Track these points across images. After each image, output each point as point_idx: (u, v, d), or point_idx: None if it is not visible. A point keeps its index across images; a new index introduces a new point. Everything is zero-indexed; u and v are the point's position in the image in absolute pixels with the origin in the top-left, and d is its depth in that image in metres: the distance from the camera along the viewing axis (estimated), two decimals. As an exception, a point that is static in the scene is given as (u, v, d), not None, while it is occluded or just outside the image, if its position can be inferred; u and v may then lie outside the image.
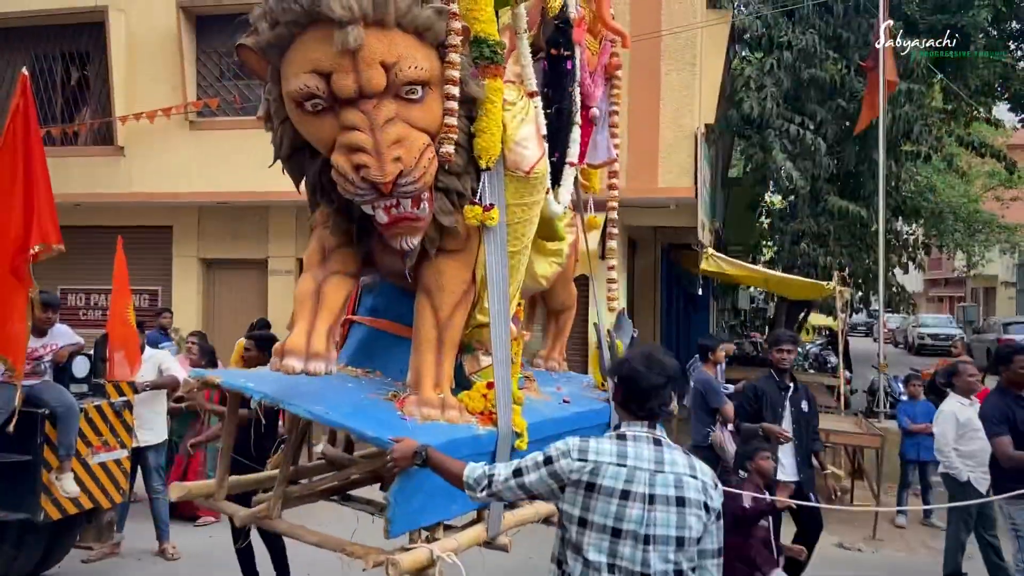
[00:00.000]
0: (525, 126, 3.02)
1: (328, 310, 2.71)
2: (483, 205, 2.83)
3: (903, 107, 11.22)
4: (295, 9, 2.44)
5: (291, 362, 2.55)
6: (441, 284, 2.90)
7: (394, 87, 2.53)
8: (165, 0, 10.59)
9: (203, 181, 10.57)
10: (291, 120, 2.68)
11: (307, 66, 2.47)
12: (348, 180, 2.52)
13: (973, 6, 11.99)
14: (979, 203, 21.50)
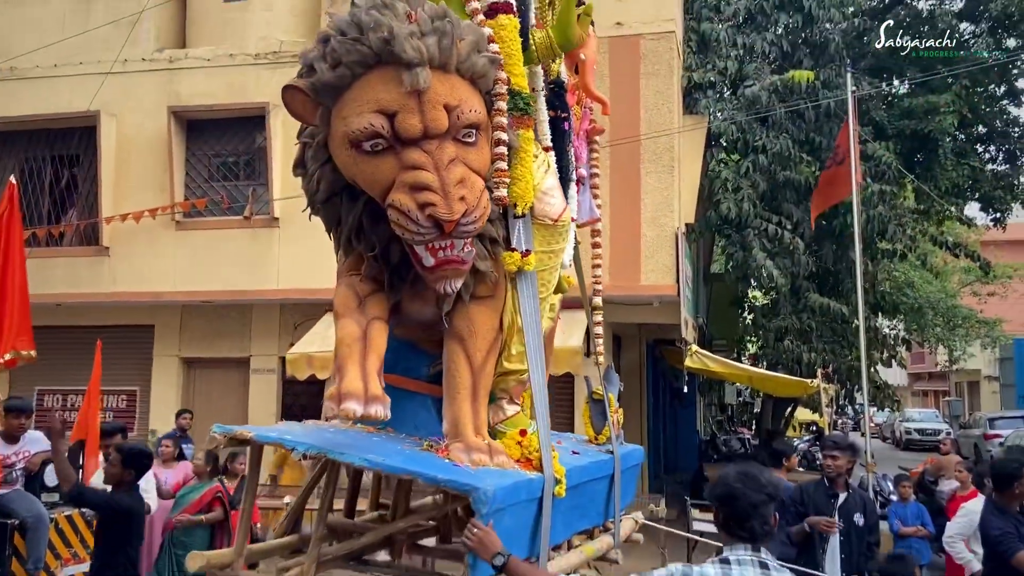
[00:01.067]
0: (549, 177, 3.15)
1: (376, 354, 2.64)
2: (521, 251, 2.88)
3: (876, 208, 11.52)
4: (363, 50, 2.49)
5: (351, 405, 2.43)
6: (473, 330, 2.87)
7: (454, 129, 2.57)
8: (156, 104, 10.86)
9: (187, 280, 10.59)
10: (339, 162, 2.65)
11: (372, 105, 2.50)
12: (412, 219, 2.49)
13: (939, 112, 12.49)
14: (957, 298, 21.82)
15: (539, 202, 3.02)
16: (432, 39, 2.52)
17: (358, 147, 2.54)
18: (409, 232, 2.52)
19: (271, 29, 10.93)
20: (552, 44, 3.18)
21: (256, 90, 10.70)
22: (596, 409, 3.67)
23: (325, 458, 2.71)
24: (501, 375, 3.13)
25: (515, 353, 3.07)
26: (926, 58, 14.44)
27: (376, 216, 2.68)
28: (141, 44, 11.01)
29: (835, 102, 11.49)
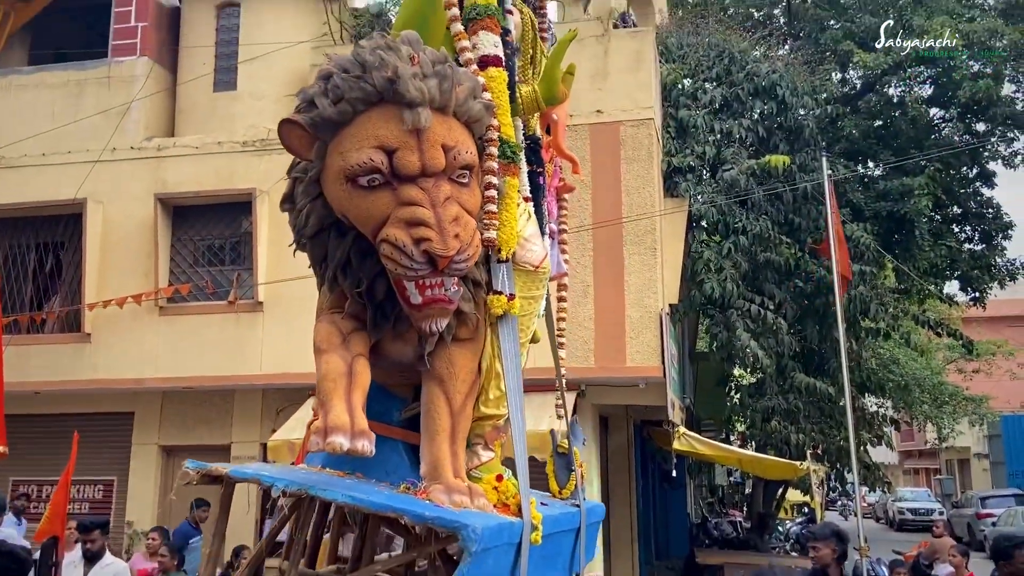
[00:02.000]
0: (530, 225, 3.23)
1: (361, 390, 2.64)
2: (506, 295, 2.92)
3: (857, 288, 11.65)
4: (366, 88, 2.55)
5: (338, 439, 2.41)
6: (453, 372, 2.87)
7: (450, 169, 2.62)
8: (143, 191, 10.95)
9: (169, 366, 10.48)
10: (331, 197, 2.66)
11: (372, 141, 2.55)
12: (406, 253, 2.51)
13: (914, 195, 12.78)
14: (943, 375, 21.89)
15: (521, 248, 3.10)
16: (434, 81, 2.60)
17: (354, 182, 2.57)
18: (402, 267, 2.54)
19: (259, 118, 11.14)
20: (537, 98, 3.32)
21: (243, 176, 10.83)
22: (560, 463, 3.65)
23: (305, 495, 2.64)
24: (477, 420, 3.13)
25: (492, 398, 3.11)
26: (897, 142, 14.92)
27: (363, 252, 2.70)
28: (130, 133, 11.18)
29: (812, 185, 11.76)
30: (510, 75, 3.21)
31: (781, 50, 14.21)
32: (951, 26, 13.27)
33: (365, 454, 2.47)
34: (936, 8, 14.43)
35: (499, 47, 3.16)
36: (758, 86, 12.18)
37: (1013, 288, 17.12)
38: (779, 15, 16.55)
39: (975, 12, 14.67)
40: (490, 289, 2.95)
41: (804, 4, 16.00)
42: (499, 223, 2.93)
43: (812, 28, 15.66)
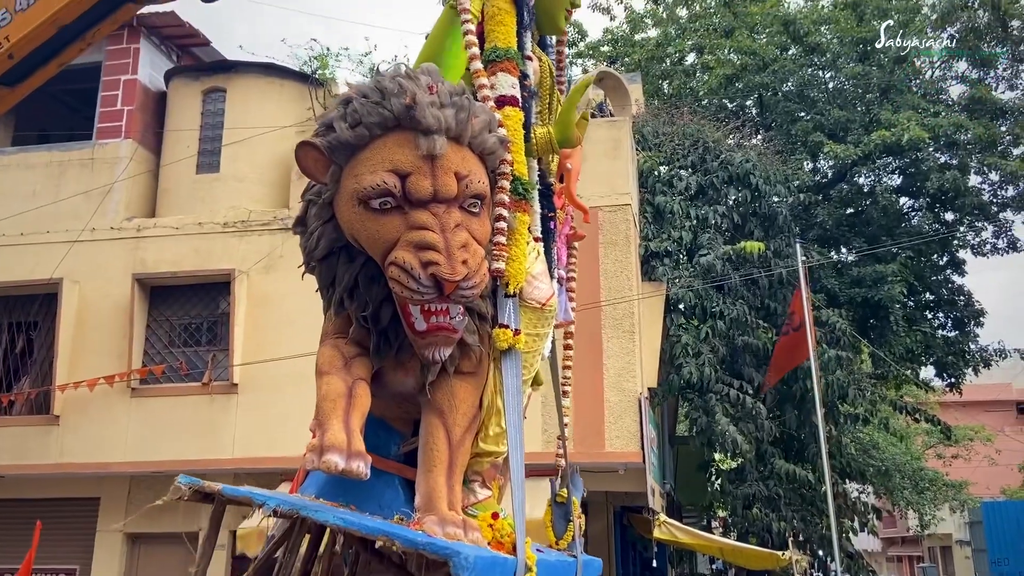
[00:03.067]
0: (539, 263, 3.23)
1: (360, 412, 2.62)
2: (512, 329, 2.89)
3: (834, 373, 11.71)
4: (384, 113, 2.60)
5: (333, 457, 2.38)
6: (454, 405, 2.84)
7: (462, 197, 2.64)
8: (121, 271, 10.90)
9: (138, 450, 10.23)
10: (343, 219, 2.68)
11: (387, 165, 2.58)
12: (413, 276, 2.50)
13: (887, 281, 13.01)
14: (922, 460, 21.84)
15: (528, 285, 3.10)
16: (450, 111, 2.64)
17: (366, 204, 2.59)
18: (408, 290, 2.53)
19: (241, 199, 11.23)
20: (552, 140, 3.37)
21: (223, 257, 10.84)
22: (559, 513, 3.59)
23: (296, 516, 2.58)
24: (476, 456, 3.07)
25: (492, 434, 3.06)
26: (869, 229, 15.26)
27: (371, 277, 2.71)
28: (110, 214, 11.20)
29: (787, 270, 11.94)
30: (526, 116, 3.27)
31: (754, 139, 14.63)
32: (917, 120, 13.78)
33: (360, 476, 2.43)
34: (903, 103, 15.02)
35: (516, 88, 3.23)
36: (732, 174, 12.49)
37: (987, 374, 17.28)
38: (751, 106, 17.11)
39: (940, 107, 15.26)
40: (495, 323, 2.94)
41: (775, 97, 16.57)
42: (508, 257, 2.94)
43: (783, 120, 16.19)
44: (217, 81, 11.94)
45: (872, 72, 15.85)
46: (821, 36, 16.23)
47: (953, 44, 16.25)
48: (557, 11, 3.64)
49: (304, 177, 2.82)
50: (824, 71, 16.73)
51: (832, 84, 16.72)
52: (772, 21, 16.51)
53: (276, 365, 10.14)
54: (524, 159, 3.17)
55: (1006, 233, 15.78)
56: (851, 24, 16.19)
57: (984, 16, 15.50)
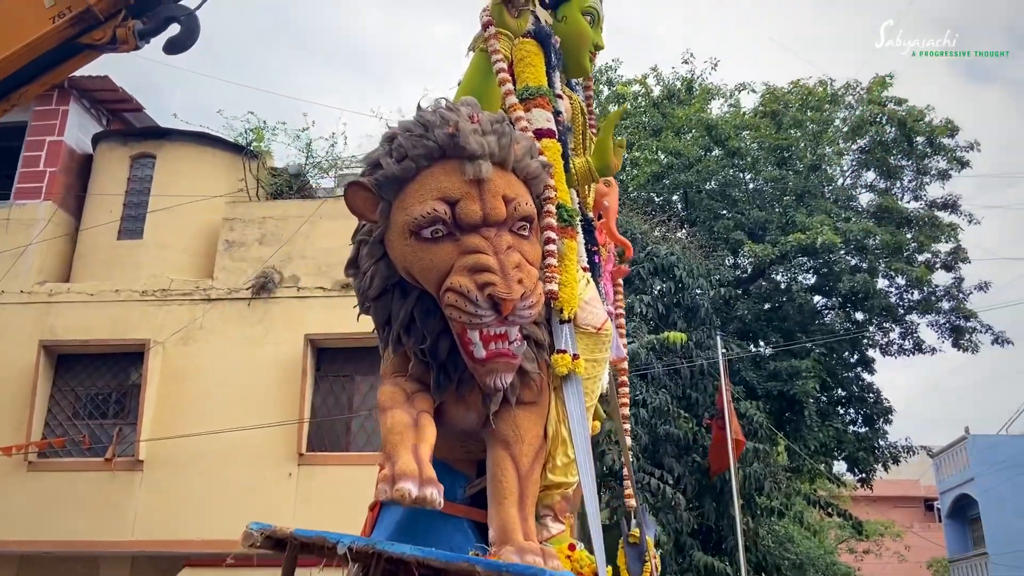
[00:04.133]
0: (590, 290, 3.23)
1: (428, 444, 2.57)
2: (570, 354, 2.87)
3: (751, 465, 11.89)
4: (428, 144, 2.63)
5: (406, 485, 2.33)
6: (519, 435, 2.79)
7: (511, 220, 2.66)
8: (28, 338, 10.42)
9: (31, 528, 9.56)
10: (396, 254, 2.68)
11: (436, 193, 2.60)
12: (470, 300, 2.50)
13: (802, 376, 13.43)
14: (835, 555, 22.11)
15: (582, 311, 3.09)
16: (493, 137, 2.69)
17: (418, 235, 2.60)
18: (467, 314, 2.52)
19: (164, 267, 10.96)
20: (591, 169, 3.48)
21: (138, 326, 10.49)
22: (632, 554, 3.54)
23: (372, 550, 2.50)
24: (545, 489, 3.00)
25: (560, 464, 3.01)
26: (786, 325, 15.81)
27: (427, 311, 2.70)
28: (21, 277, 10.76)
29: (708, 362, 12.20)
30: (564, 147, 3.34)
31: (679, 233, 15.14)
32: (830, 225, 14.53)
33: (434, 504, 2.38)
34: (817, 207, 15.83)
35: (551, 122, 3.31)
36: (658, 265, 12.86)
37: (896, 470, 17.81)
38: (677, 201, 17.76)
39: (851, 213, 16.15)
40: (552, 350, 2.92)
41: (699, 194, 17.27)
42: (560, 281, 2.94)
43: (706, 216, 16.84)
44: (147, 147, 11.80)
45: (789, 176, 16.73)
46: (742, 141, 17.11)
47: (863, 156, 17.36)
48: (581, 54, 3.81)
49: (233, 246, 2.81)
50: (745, 173, 17.57)
51: (752, 185, 17.55)
52: (697, 124, 17.35)
53: (186, 442, 9.74)
54: (566, 187, 3.25)
55: (912, 335, 16.56)
56: (770, 131, 17.13)
57: (891, 131, 16.64)
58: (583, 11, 3.76)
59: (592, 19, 3.80)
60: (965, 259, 16.31)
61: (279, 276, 10.81)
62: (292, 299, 10.74)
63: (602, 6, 3.91)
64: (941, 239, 16.28)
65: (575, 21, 3.75)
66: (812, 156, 17.00)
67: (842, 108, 17.66)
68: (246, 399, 10.00)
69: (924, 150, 16.67)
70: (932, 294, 16.27)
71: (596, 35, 3.82)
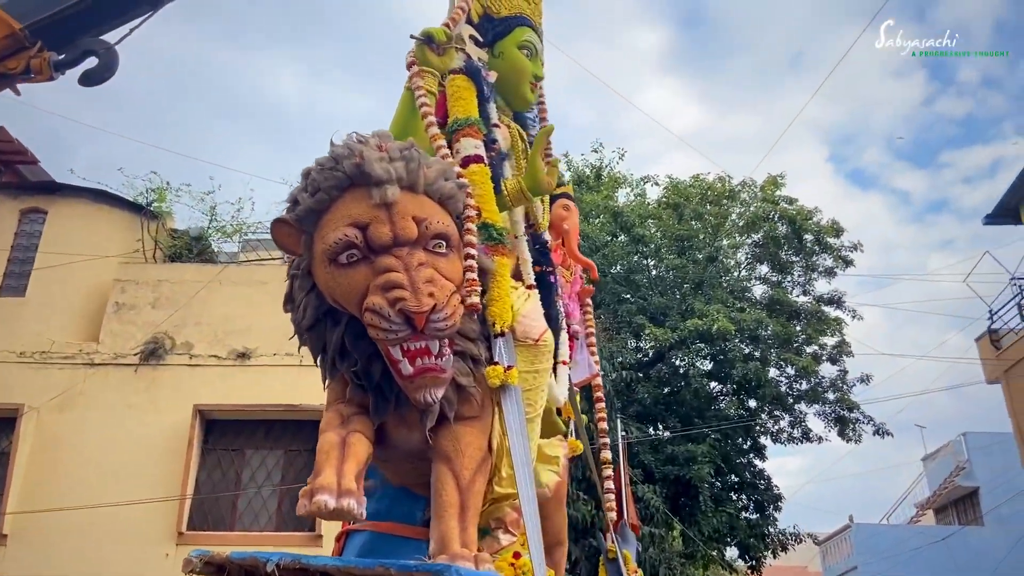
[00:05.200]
0: (529, 303, 3.29)
1: (355, 459, 2.64)
2: (503, 366, 2.93)
3: (647, 551, 11.92)
4: (338, 175, 2.75)
5: (323, 497, 2.42)
6: (460, 448, 2.85)
7: (424, 239, 2.75)
8: None
9: None
10: (320, 282, 2.76)
11: (346, 220, 2.71)
12: (383, 316, 2.59)
13: (697, 461, 13.69)
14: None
15: (519, 324, 3.16)
16: (400, 163, 2.80)
17: (335, 262, 2.70)
18: (382, 331, 2.61)
19: (46, 328, 10.37)
20: (522, 188, 3.50)
21: (12, 390, 9.83)
22: (612, 569, 3.53)
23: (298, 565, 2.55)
24: (494, 502, 3.05)
25: (506, 476, 3.04)
26: (683, 410, 16.16)
27: (357, 334, 2.77)
28: None
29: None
30: (495, 171, 3.42)
31: (584, 314, 15.40)
32: (725, 313, 15.10)
33: (352, 513, 2.47)
34: (714, 296, 16.47)
35: (480, 148, 3.40)
36: (562, 347, 12.99)
37: (785, 557, 18.17)
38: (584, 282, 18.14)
39: (745, 304, 16.85)
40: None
41: (605, 278, 17.71)
42: (491, 299, 3.04)
43: (612, 300, 17.25)
44: (38, 202, 11.31)
45: (689, 265, 17.40)
46: (646, 229, 17.75)
47: (757, 250, 18.26)
48: (522, 86, 3.94)
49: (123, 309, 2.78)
50: (648, 259, 18.17)
51: (655, 272, 18.14)
52: (604, 211, 17.94)
53: (56, 517, 9.06)
54: (495, 208, 3.33)
55: (800, 424, 17.18)
56: (672, 222, 17.87)
57: (782, 228, 17.61)
58: (519, 46, 3.95)
59: (529, 52, 3.98)
60: (849, 353, 17.20)
61: (170, 342, 10.39)
62: (183, 367, 10.31)
63: (541, 40, 4.10)
64: (827, 332, 17.13)
65: (512, 56, 3.93)
66: (710, 247, 17.76)
67: (738, 204, 18.62)
68: (125, 472, 9.43)
69: (812, 247, 17.68)
70: (819, 385, 17.01)
71: (535, 67, 4.00)
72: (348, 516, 2.51)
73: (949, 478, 23.91)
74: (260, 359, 10.20)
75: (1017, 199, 16.86)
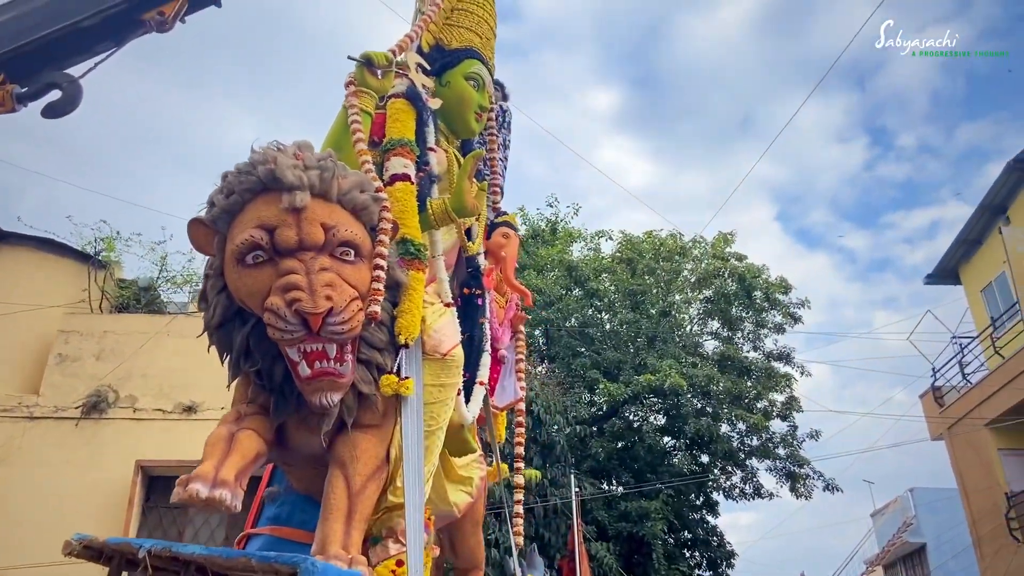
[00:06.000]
0: (443, 319, 3.37)
1: (240, 454, 2.68)
2: (399, 376, 2.98)
3: (601, 610, 11.77)
4: (251, 179, 2.83)
5: (196, 486, 2.46)
6: (355, 455, 2.90)
7: (330, 246, 2.82)
8: None
9: None
10: (229, 283, 2.82)
11: (255, 222, 2.79)
12: (280, 316, 2.65)
13: (651, 518, 13.63)
14: None
15: (429, 338, 3.23)
16: (315, 172, 2.89)
17: (242, 262, 2.78)
18: (279, 330, 2.68)
19: (-18, 380, 10.01)
20: (447, 209, 3.59)
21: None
22: None
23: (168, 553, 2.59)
24: (387, 511, 3.06)
25: (400, 486, 3.06)
26: (637, 465, 16.15)
27: (261, 335, 2.81)
28: None
29: (561, 501, 12.18)
30: (421, 191, 3.51)
31: (539, 368, 15.41)
32: (677, 369, 15.24)
33: (224, 503, 2.48)
34: (666, 352, 16.63)
35: (408, 168, 3.49)
36: (515, 402, 12.94)
37: (738, 615, 18.09)
38: (539, 336, 18.19)
39: (697, 359, 17.04)
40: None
41: (559, 332, 17.79)
42: (401, 311, 3.09)
43: (566, 353, 17.30)
44: (-19, 249, 11.00)
45: (642, 320, 17.58)
46: (600, 283, 17.94)
47: (708, 305, 18.55)
48: (467, 115, 4.08)
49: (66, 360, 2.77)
50: (603, 313, 18.33)
51: (609, 326, 18.28)
52: (559, 264, 18.10)
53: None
54: (416, 224, 3.41)
55: (752, 479, 17.28)
56: (626, 276, 18.10)
57: (732, 285, 17.95)
58: (467, 76, 4.09)
59: (476, 84, 4.11)
60: (798, 408, 17.44)
61: (114, 395, 10.10)
62: (126, 420, 10.01)
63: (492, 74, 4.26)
64: (777, 388, 17.38)
65: (458, 86, 4.07)
66: (663, 302, 18.00)
67: (690, 260, 18.97)
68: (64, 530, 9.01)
69: (762, 304, 18.02)
70: (770, 440, 17.17)
71: (481, 97, 4.13)
72: (219, 507, 2.51)
73: (897, 534, 24.17)
74: (206, 413, 9.96)
75: (955, 261, 17.49)
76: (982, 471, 15.67)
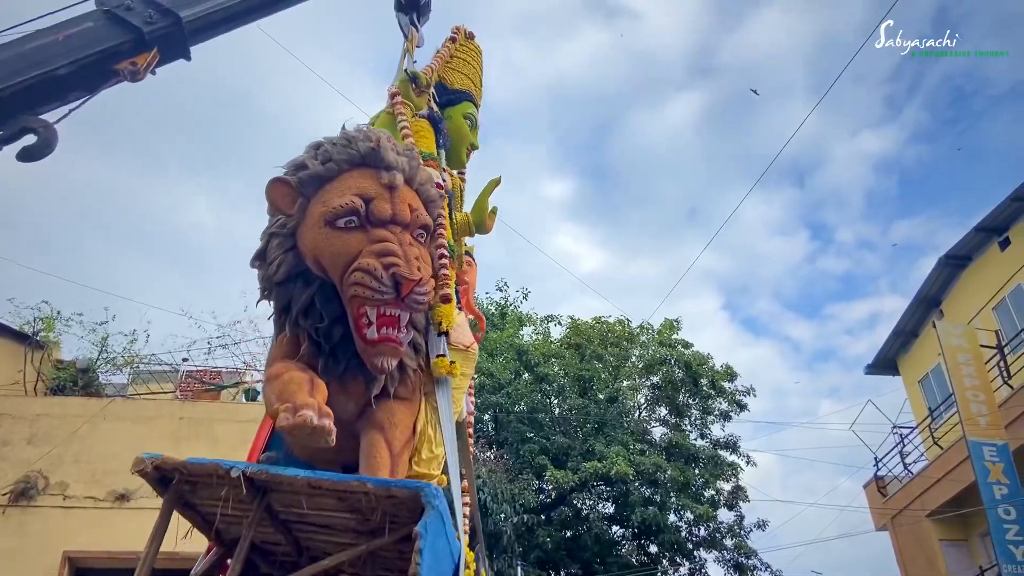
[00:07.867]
0: (460, 317, 3.69)
1: (324, 395, 2.84)
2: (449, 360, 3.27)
3: None
4: (352, 152, 3.13)
5: (308, 412, 2.58)
6: (394, 422, 3.12)
7: (413, 226, 3.12)
8: None
9: None
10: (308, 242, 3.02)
11: (354, 190, 3.05)
12: (375, 276, 2.86)
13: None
14: None
15: (455, 331, 3.48)
16: (404, 158, 3.22)
17: (332, 224, 2.99)
18: (370, 289, 2.88)
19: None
20: (469, 223, 4.05)
21: None
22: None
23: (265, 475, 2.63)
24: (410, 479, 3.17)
25: (424, 458, 3.28)
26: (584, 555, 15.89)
27: (328, 297, 3.04)
28: None
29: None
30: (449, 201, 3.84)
31: (488, 453, 15.24)
32: (624, 456, 15.22)
33: (330, 433, 2.61)
34: (613, 439, 16.62)
35: (438, 178, 3.81)
36: (462, 490, 12.74)
37: None
38: (488, 421, 18.07)
39: (645, 446, 17.05)
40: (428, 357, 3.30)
41: (508, 416, 17.69)
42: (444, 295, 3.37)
43: (515, 439, 17.17)
44: (-88, 326, 10.64)
45: (591, 406, 17.59)
46: (549, 368, 17.98)
47: (656, 392, 18.67)
48: (461, 149, 4.59)
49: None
50: (552, 398, 18.30)
51: (558, 411, 18.24)
52: (508, 348, 18.13)
53: None
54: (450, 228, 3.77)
55: (700, 571, 17.11)
56: (575, 361, 18.18)
57: (679, 372, 18.15)
58: (464, 115, 4.63)
59: (471, 123, 4.65)
60: (745, 498, 17.47)
61: (43, 482, 9.69)
62: (55, 508, 9.59)
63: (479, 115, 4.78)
64: (724, 477, 17.41)
65: (458, 122, 4.59)
66: (611, 388, 18.08)
67: (638, 346, 19.17)
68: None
69: (708, 391, 18.21)
70: (717, 530, 17.10)
71: (473, 136, 4.67)
72: (324, 436, 2.63)
73: (845, 624, 23.99)
74: (140, 501, 9.59)
75: (893, 352, 18.00)
76: (925, 562, 15.78)
